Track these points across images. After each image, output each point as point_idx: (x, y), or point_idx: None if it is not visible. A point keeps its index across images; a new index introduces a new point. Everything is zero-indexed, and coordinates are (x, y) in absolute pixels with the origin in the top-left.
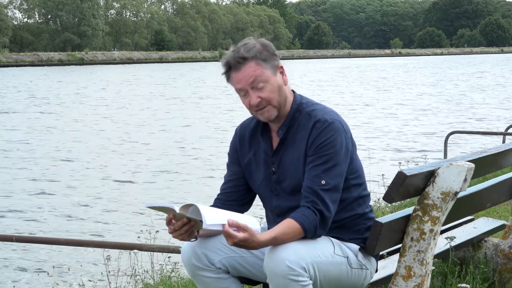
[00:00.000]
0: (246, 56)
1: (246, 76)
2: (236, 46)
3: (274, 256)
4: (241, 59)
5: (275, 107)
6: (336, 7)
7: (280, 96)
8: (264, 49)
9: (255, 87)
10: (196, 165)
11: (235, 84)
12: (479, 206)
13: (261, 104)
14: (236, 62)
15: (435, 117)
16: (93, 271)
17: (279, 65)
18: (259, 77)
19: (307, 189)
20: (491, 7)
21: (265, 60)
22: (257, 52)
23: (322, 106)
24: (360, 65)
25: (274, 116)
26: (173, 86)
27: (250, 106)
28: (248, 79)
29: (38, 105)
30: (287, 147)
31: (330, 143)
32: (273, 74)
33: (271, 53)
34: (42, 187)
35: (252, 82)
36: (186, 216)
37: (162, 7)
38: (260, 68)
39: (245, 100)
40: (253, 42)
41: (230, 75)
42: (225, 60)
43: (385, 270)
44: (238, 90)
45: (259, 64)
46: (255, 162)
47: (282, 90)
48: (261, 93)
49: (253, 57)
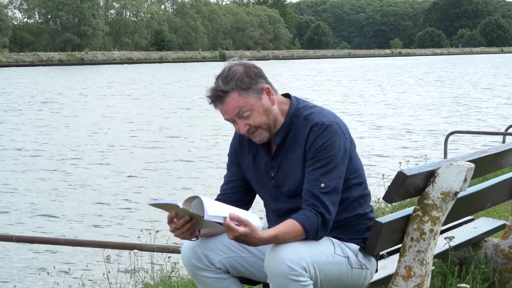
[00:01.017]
0: (225, 90)
1: (230, 108)
2: (217, 76)
3: (274, 256)
4: (222, 93)
5: (265, 130)
6: (336, 7)
7: (268, 118)
8: (245, 75)
9: (242, 116)
10: (196, 165)
11: (222, 115)
12: (479, 206)
13: (250, 130)
14: (218, 96)
15: (435, 117)
16: (93, 271)
17: (264, 87)
18: (243, 108)
19: (307, 193)
20: (491, 7)
21: (247, 88)
22: (238, 81)
23: (319, 109)
24: (360, 65)
25: (266, 138)
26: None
27: (241, 132)
28: (232, 111)
29: (51, 104)
30: (285, 152)
31: (328, 146)
32: (257, 99)
33: (254, 77)
34: (43, 187)
35: (237, 113)
36: (188, 212)
37: (162, 7)
38: (242, 98)
39: (235, 126)
40: (234, 69)
41: (216, 107)
42: (207, 94)
43: (385, 270)
44: (226, 120)
45: (241, 95)
46: (254, 166)
47: (270, 112)
48: (248, 120)
49: (233, 88)
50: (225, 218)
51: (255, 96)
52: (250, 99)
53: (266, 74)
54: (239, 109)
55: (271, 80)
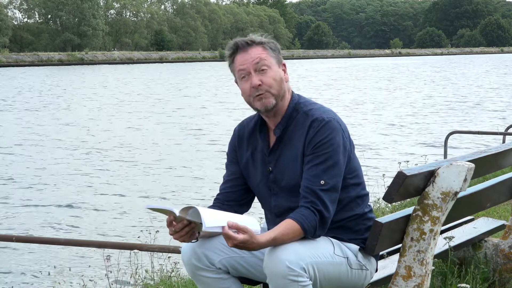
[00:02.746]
0: (255, 40)
1: (252, 56)
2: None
3: (274, 256)
4: (250, 41)
5: (274, 96)
6: (336, 7)
7: (280, 87)
8: (272, 42)
9: (258, 70)
10: (197, 165)
11: (238, 66)
12: (479, 206)
13: (261, 89)
14: (245, 43)
15: (435, 117)
16: (93, 271)
17: (283, 62)
18: (264, 60)
19: (306, 189)
20: (491, 7)
21: (272, 49)
22: (266, 40)
23: (319, 106)
24: (360, 65)
25: (271, 105)
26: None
27: (249, 90)
28: (253, 60)
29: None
30: (284, 146)
31: (327, 142)
32: (277, 65)
33: (278, 49)
34: (43, 187)
35: (257, 63)
36: (186, 218)
37: (162, 7)
38: (266, 53)
39: (245, 83)
40: (263, 35)
41: (235, 57)
42: (233, 41)
43: (385, 270)
44: (239, 72)
45: (266, 50)
46: (252, 161)
47: (282, 83)
48: (263, 76)
49: (262, 42)
50: (223, 227)
51: (276, 61)
52: (272, 60)
53: None
54: (259, 60)
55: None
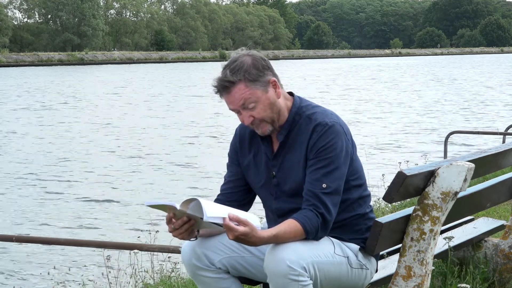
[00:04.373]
0: (233, 80)
1: (236, 99)
2: (225, 66)
3: (274, 255)
4: (228, 83)
5: (269, 123)
6: (336, 7)
7: (273, 112)
8: (253, 67)
9: (247, 108)
10: (198, 164)
11: (228, 105)
12: (479, 206)
13: (254, 123)
14: (224, 86)
15: (435, 117)
16: (93, 271)
17: (271, 80)
18: (249, 99)
19: (308, 193)
20: (491, 7)
21: (254, 80)
22: (245, 73)
23: (322, 109)
24: (360, 65)
25: (269, 131)
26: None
27: (245, 123)
28: (238, 102)
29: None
30: (287, 151)
31: (330, 146)
32: (263, 91)
33: (262, 69)
34: (43, 187)
35: (243, 104)
36: (186, 213)
37: (162, 7)
38: (249, 90)
39: (239, 117)
40: (242, 60)
41: (222, 97)
42: (214, 84)
43: (385, 270)
44: (231, 110)
45: (247, 86)
46: (255, 165)
47: (275, 106)
48: (252, 112)
49: (240, 79)
50: (224, 218)
51: (261, 89)
52: (257, 91)
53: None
54: (244, 101)
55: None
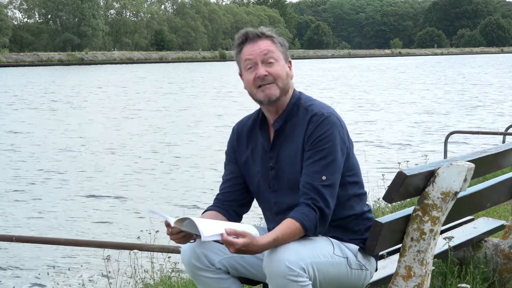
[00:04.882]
0: (265, 33)
1: (261, 48)
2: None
3: (273, 256)
4: (260, 33)
5: (279, 88)
6: (336, 7)
7: (286, 81)
8: (281, 38)
9: (265, 61)
10: (198, 164)
11: (246, 55)
12: (479, 206)
13: (267, 79)
14: (255, 34)
15: (435, 117)
16: (93, 271)
17: (289, 59)
18: (272, 53)
19: (307, 186)
20: (491, 7)
21: (281, 45)
22: (277, 36)
23: (319, 102)
24: (360, 65)
25: (275, 97)
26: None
27: (254, 81)
28: (261, 51)
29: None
30: (284, 142)
31: (326, 137)
32: (284, 60)
33: (286, 46)
34: (42, 187)
35: (265, 54)
36: (181, 230)
37: (162, 7)
38: (275, 47)
39: (250, 74)
40: (272, 29)
41: (243, 47)
42: (243, 31)
43: (385, 270)
44: (246, 62)
45: (275, 44)
46: (253, 159)
47: (288, 78)
48: (269, 68)
49: (272, 36)
50: (222, 234)
51: (283, 56)
52: (280, 54)
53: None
54: (268, 52)
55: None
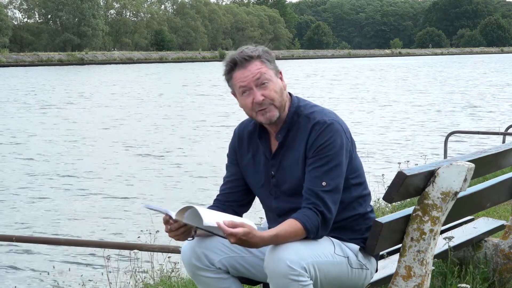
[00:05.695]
0: (252, 55)
1: (252, 72)
2: (241, 48)
3: (274, 256)
4: (247, 57)
5: (277, 108)
6: (336, 7)
7: (281, 97)
8: (267, 53)
9: (260, 85)
10: (198, 164)
11: (239, 82)
12: (479, 206)
13: (264, 103)
14: (243, 59)
15: (436, 117)
16: (93, 271)
17: (280, 71)
18: (264, 74)
19: (308, 191)
20: (491, 7)
21: (269, 61)
22: (263, 53)
23: (320, 108)
24: (360, 65)
25: (275, 118)
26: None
27: (252, 106)
28: (253, 76)
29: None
30: (286, 151)
31: (329, 144)
32: (276, 75)
33: (273, 58)
34: (42, 187)
35: (258, 79)
36: (182, 222)
37: (162, 7)
38: (265, 67)
39: (247, 99)
40: (256, 46)
41: (233, 74)
42: (230, 57)
43: (385, 270)
44: (240, 89)
45: (264, 63)
46: (253, 165)
47: (283, 93)
48: (264, 91)
49: (259, 56)
50: (218, 223)
51: (274, 71)
52: (271, 72)
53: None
54: (260, 75)
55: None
